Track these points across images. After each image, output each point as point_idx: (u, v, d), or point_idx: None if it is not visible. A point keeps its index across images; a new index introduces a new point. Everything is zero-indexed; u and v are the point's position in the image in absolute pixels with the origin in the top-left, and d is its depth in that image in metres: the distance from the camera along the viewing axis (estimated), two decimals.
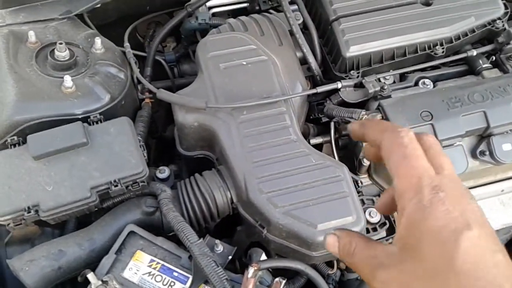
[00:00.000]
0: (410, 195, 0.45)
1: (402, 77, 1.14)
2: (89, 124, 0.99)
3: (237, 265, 1.08)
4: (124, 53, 1.16)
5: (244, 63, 1.05)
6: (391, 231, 1.03)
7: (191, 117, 1.00)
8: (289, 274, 1.12)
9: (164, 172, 1.09)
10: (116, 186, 0.93)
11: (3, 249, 1.00)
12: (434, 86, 1.11)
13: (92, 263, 0.93)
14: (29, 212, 0.88)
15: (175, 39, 1.46)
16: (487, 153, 1.02)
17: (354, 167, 1.14)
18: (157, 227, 1.00)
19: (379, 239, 1.02)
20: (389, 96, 1.06)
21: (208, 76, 1.03)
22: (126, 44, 1.17)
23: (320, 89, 1.04)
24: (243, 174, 0.96)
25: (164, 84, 1.32)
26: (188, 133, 1.02)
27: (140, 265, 0.91)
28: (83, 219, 1.04)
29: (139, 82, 1.18)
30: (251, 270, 0.82)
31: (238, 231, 1.09)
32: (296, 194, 0.93)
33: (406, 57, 1.13)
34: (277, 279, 0.86)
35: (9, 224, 0.89)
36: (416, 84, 1.12)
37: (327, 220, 0.92)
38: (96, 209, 0.97)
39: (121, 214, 0.99)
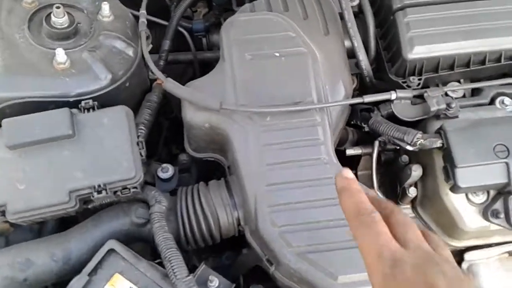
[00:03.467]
0: (374, 270, 0.47)
1: (475, 91, 0.90)
2: (81, 110, 0.82)
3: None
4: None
5: (277, 54, 0.84)
6: None
7: (202, 116, 0.82)
8: None
9: (167, 171, 0.92)
10: (100, 192, 0.77)
11: None
12: None
13: (65, 277, 0.79)
14: None
15: (207, 3, 1.25)
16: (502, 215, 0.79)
17: (396, 194, 0.93)
18: (147, 241, 0.84)
19: None
20: (456, 117, 0.83)
21: (230, 66, 0.83)
22: (143, 11, 0.96)
23: (368, 98, 0.82)
24: (254, 197, 0.77)
25: (186, 57, 1.13)
26: (198, 134, 0.84)
27: None
28: (67, 218, 0.88)
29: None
30: None
31: (243, 254, 0.92)
32: (317, 234, 0.75)
33: (484, 66, 0.88)
34: None
35: None
36: (492, 102, 0.87)
37: (351, 272, 0.73)
38: (77, 213, 0.82)
39: (106, 221, 0.83)
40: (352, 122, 0.98)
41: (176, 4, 1.18)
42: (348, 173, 0.55)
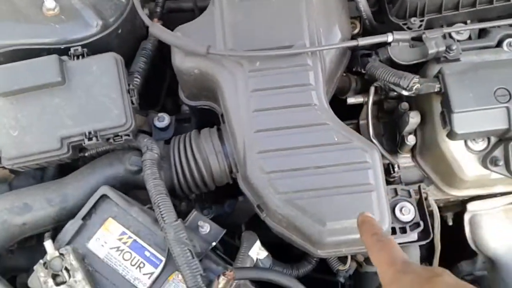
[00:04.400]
0: (385, 271, 0.53)
1: (482, 33, 0.84)
2: (70, 57, 0.81)
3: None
4: None
5: None
6: (425, 235, 0.81)
7: (190, 62, 0.80)
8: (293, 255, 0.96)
9: (163, 120, 0.92)
10: (90, 139, 0.77)
11: None
12: None
13: (63, 221, 0.80)
14: None
15: None
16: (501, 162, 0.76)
17: (396, 143, 0.90)
18: (142, 187, 0.85)
19: (406, 242, 0.81)
20: (458, 60, 0.79)
21: (219, 9, 0.80)
22: None
23: (362, 41, 0.78)
24: (243, 143, 0.76)
25: (189, 4, 1.10)
26: (188, 80, 0.82)
27: (109, 236, 0.77)
28: (67, 163, 0.90)
29: (147, 2, 0.97)
30: (222, 281, 0.65)
31: (239, 201, 0.92)
32: (306, 180, 0.73)
33: (492, 5, 0.82)
34: None
35: None
36: (499, 44, 0.82)
37: (340, 218, 0.72)
38: (72, 160, 0.83)
39: (101, 168, 0.84)
40: (353, 69, 0.95)
41: None
42: (368, 216, 0.63)
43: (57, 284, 0.72)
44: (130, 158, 0.84)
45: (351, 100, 0.94)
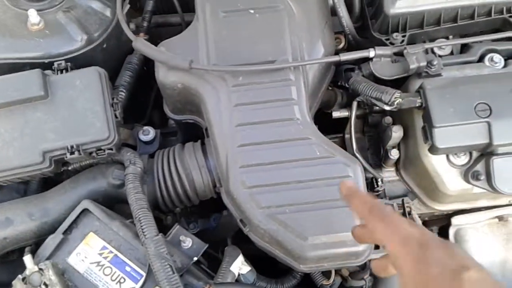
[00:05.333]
0: (401, 257, 0.47)
1: (464, 48, 0.85)
2: (54, 72, 0.82)
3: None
4: None
5: (252, 11, 0.81)
6: None
7: (174, 76, 0.80)
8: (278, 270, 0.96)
9: (148, 133, 0.92)
10: (72, 153, 0.77)
11: None
12: (505, 66, 0.81)
13: (44, 235, 0.80)
14: None
15: None
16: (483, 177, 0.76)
17: (380, 157, 0.90)
18: (125, 201, 0.84)
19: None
20: (439, 75, 0.79)
21: (203, 24, 0.81)
22: None
23: (344, 57, 0.79)
24: (225, 158, 0.76)
25: (177, 19, 1.10)
26: (172, 94, 0.83)
27: (90, 251, 0.76)
28: (51, 177, 0.89)
29: (134, 17, 0.98)
30: None
31: (223, 216, 0.92)
32: (288, 194, 0.73)
33: (473, 21, 0.83)
34: None
35: None
36: (481, 59, 0.83)
37: (322, 233, 0.72)
38: (54, 174, 0.82)
39: (84, 182, 0.84)
40: (338, 83, 0.95)
41: None
42: (350, 183, 0.59)
43: None
44: (113, 172, 0.83)
45: (336, 114, 0.94)
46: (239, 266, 0.77)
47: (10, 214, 0.81)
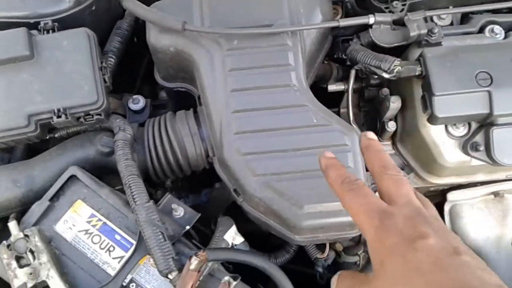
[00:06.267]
0: (365, 227, 0.47)
1: (464, 19, 0.84)
2: (40, 32, 0.78)
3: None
4: None
5: None
6: None
7: (166, 39, 0.77)
8: (271, 246, 0.94)
9: (138, 102, 0.89)
10: (59, 116, 0.74)
11: None
12: (505, 37, 0.80)
13: (30, 203, 0.76)
14: None
15: None
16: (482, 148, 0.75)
17: (376, 130, 0.88)
18: (115, 171, 0.82)
19: None
20: (439, 44, 0.77)
21: None
22: None
23: (344, 22, 0.76)
24: (219, 124, 0.74)
25: None
26: (164, 59, 0.80)
27: (78, 218, 0.73)
28: (36, 145, 0.86)
29: None
30: (194, 262, 0.62)
31: (216, 188, 0.89)
32: (284, 162, 0.71)
33: None
34: (226, 278, 0.66)
35: None
36: (481, 30, 0.81)
37: (318, 201, 0.70)
38: (40, 139, 0.79)
39: (71, 149, 0.81)
40: (335, 56, 0.93)
41: None
42: (329, 154, 0.57)
43: (21, 266, 0.68)
44: (102, 139, 0.80)
45: (332, 87, 0.92)
46: (233, 236, 0.75)
47: None
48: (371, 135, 0.56)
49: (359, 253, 0.95)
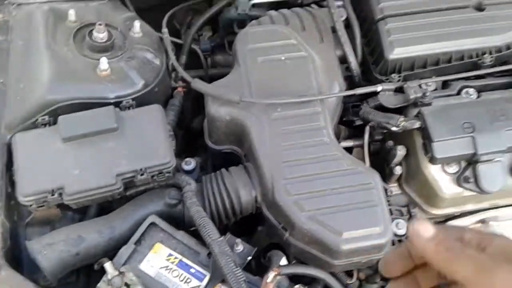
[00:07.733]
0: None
1: (445, 85, 1.09)
2: (121, 109, 0.98)
3: (253, 265, 1.06)
4: (161, 39, 1.14)
5: (283, 58, 1.02)
6: None
7: (223, 110, 0.98)
8: (305, 280, 1.10)
9: (190, 164, 1.07)
10: (142, 175, 0.92)
11: (23, 229, 0.99)
12: (478, 97, 1.04)
13: (111, 251, 0.92)
14: (53, 194, 0.87)
15: (211, 28, 1.44)
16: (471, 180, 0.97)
17: (384, 175, 1.10)
18: (178, 221, 0.98)
19: None
20: (430, 104, 1.01)
21: (245, 69, 1.01)
22: (164, 29, 1.15)
23: (359, 90, 1.00)
24: (271, 173, 0.93)
25: (196, 73, 1.30)
26: (219, 126, 1.00)
27: (158, 258, 0.89)
28: (105, 206, 1.03)
29: (174, 69, 1.16)
30: (271, 275, 0.79)
31: (259, 231, 1.07)
32: (324, 199, 0.90)
33: (451, 64, 1.07)
34: (297, 286, 0.83)
35: (31, 205, 0.88)
36: (459, 93, 1.05)
37: (354, 229, 0.88)
38: (119, 196, 0.96)
39: (143, 204, 0.97)
40: (344, 119, 1.16)
41: (186, 28, 1.37)
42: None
43: None
44: (170, 193, 0.98)
45: (343, 144, 1.14)
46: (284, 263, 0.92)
47: (82, 232, 0.92)
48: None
49: (377, 281, 1.12)
